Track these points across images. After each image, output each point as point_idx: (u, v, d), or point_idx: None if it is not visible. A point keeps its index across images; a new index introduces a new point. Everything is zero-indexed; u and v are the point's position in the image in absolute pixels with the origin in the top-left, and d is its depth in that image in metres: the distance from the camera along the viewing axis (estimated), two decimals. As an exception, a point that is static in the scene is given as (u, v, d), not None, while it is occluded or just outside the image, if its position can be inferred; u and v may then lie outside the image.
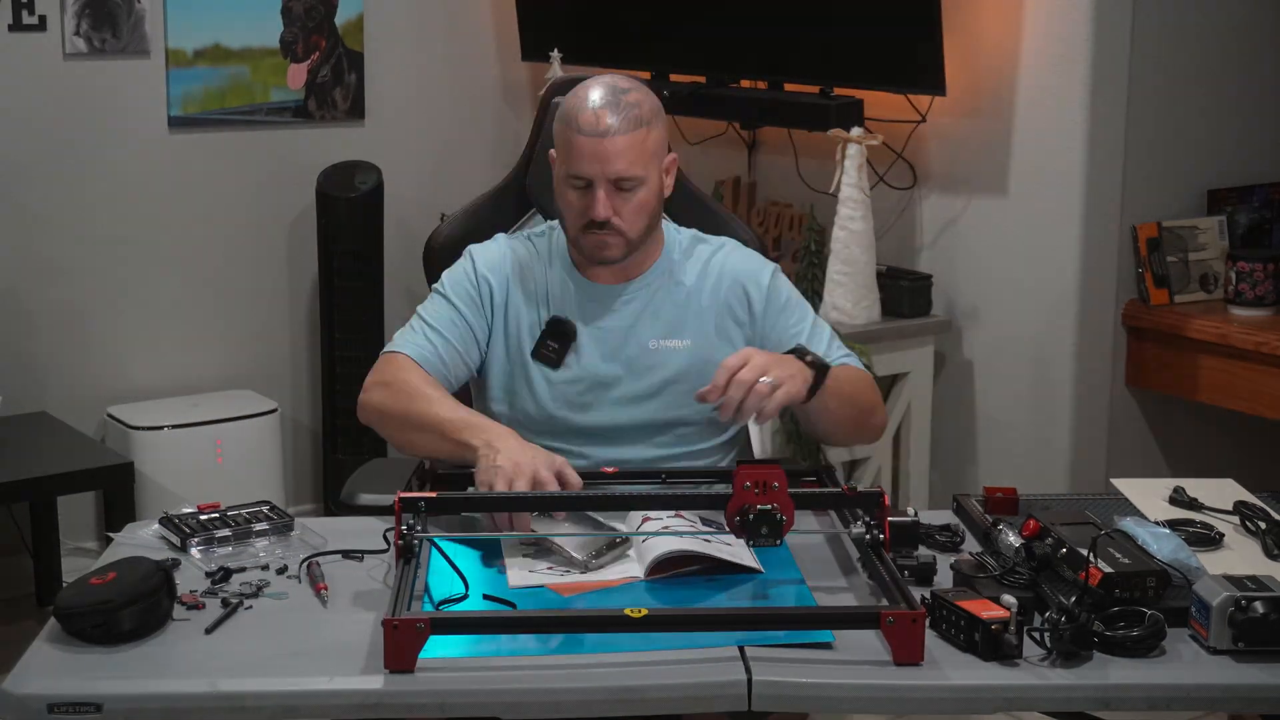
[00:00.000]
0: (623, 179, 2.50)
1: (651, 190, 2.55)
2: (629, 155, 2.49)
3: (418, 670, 1.90)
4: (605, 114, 2.49)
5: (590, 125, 2.49)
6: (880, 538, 2.17)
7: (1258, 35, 4.09)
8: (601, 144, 2.48)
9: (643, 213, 2.55)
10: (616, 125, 2.48)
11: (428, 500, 2.20)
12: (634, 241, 2.56)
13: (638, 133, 2.50)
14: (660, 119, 2.56)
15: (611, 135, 2.48)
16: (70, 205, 4.29)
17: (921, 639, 1.93)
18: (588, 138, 2.49)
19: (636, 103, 2.52)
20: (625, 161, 2.49)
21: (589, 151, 2.49)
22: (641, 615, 1.94)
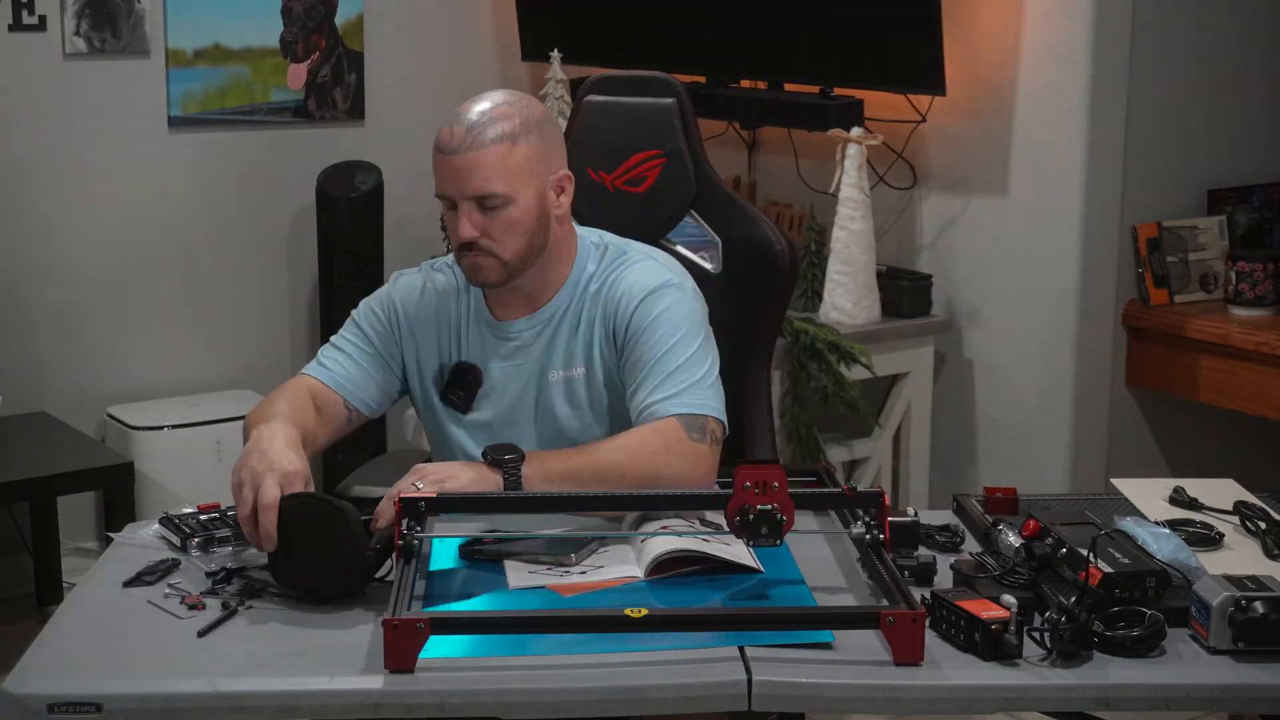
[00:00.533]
0: (483, 197, 2.38)
1: (525, 209, 2.40)
2: (486, 172, 2.37)
3: (418, 670, 1.90)
4: (460, 130, 2.38)
5: (444, 141, 2.39)
6: (880, 538, 2.17)
7: (1258, 36, 4.09)
8: (453, 161, 2.37)
9: (515, 232, 2.40)
10: (470, 141, 2.37)
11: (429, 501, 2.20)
12: (511, 263, 2.42)
13: (496, 148, 2.37)
14: (541, 134, 2.42)
15: (464, 152, 2.37)
16: (70, 205, 4.29)
17: (922, 639, 1.93)
18: (442, 155, 2.39)
19: (504, 116, 2.39)
20: (481, 179, 2.37)
21: (444, 169, 2.39)
22: (641, 615, 1.94)
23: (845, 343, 3.87)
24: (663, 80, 2.87)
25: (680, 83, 2.88)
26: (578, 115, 2.89)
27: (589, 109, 2.87)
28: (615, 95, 2.87)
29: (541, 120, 2.45)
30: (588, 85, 2.91)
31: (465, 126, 2.38)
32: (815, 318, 4.04)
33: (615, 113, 2.86)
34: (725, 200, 2.88)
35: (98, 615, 2.10)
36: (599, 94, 2.88)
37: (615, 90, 2.88)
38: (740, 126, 4.61)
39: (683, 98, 2.85)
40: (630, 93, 2.87)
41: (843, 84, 4.13)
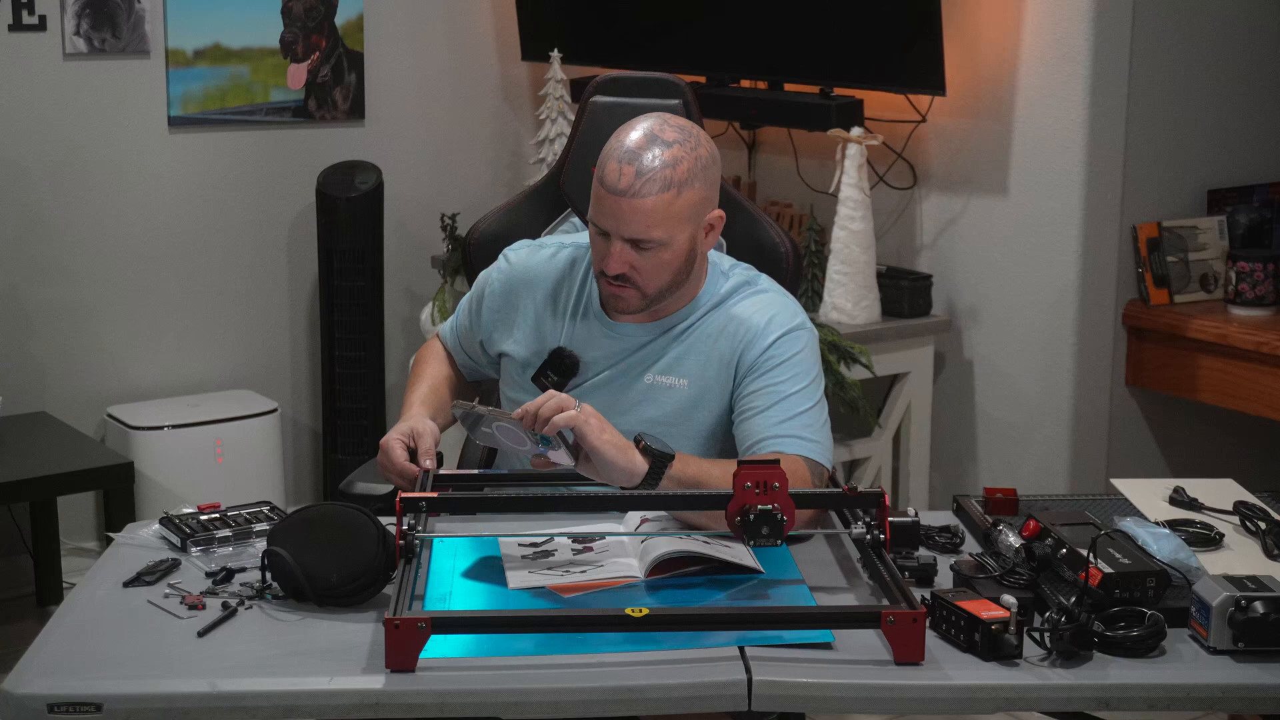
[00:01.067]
0: (641, 240, 2.37)
1: (678, 251, 2.40)
2: (649, 219, 2.35)
3: (418, 670, 1.90)
4: (630, 172, 2.34)
5: (613, 180, 2.35)
6: (881, 538, 2.17)
7: (1257, 35, 4.09)
8: (620, 202, 2.35)
9: (665, 270, 2.41)
10: (640, 186, 2.33)
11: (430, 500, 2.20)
12: (652, 296, 2.44)
13: (664, 195, 2.34)
14: (705, 176, 2.39)
15: (630, 197, 2.34)
16: (70, 205, 4.29)
17: (922, 638, 1.93)
18: (608, 193, 2.36)
19: (672, 160, 2.35)
20: (644, 224, 2.35)
21: (608, 207, 2.36)
22: (642, 615, 1.94)
23: (845, 343, 3.87)
24: (669, 81, 2.88)
25: (686, 84, 2.89)
26: (583, 116, 2.88)
27: (595, 110, 2.87)
28: (621, 96, 2.87)
29: (707, 163, 2.41)
30: (593, 86, 2.91)
31: (636, 170, 2.34)
32: (815, 318, 4.04)
33: (621, 114, 2.85)
34: (730, 202, 2.88)
35: (98, 615, 2.10)
36: (605, 95, 2.88)
37: (621, 91, 2.88)
38: (740, 126, 4.61)
39: (688, 99, 2.85)
40: (636, 94, 2.87)
41: (843, 84, 4.13)
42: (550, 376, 2.52)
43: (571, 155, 2.90)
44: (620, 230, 2.37)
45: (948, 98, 3.98)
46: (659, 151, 2.36)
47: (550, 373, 2.52)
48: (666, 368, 2.50)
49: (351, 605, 2.08)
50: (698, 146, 2.40)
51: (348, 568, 2.08)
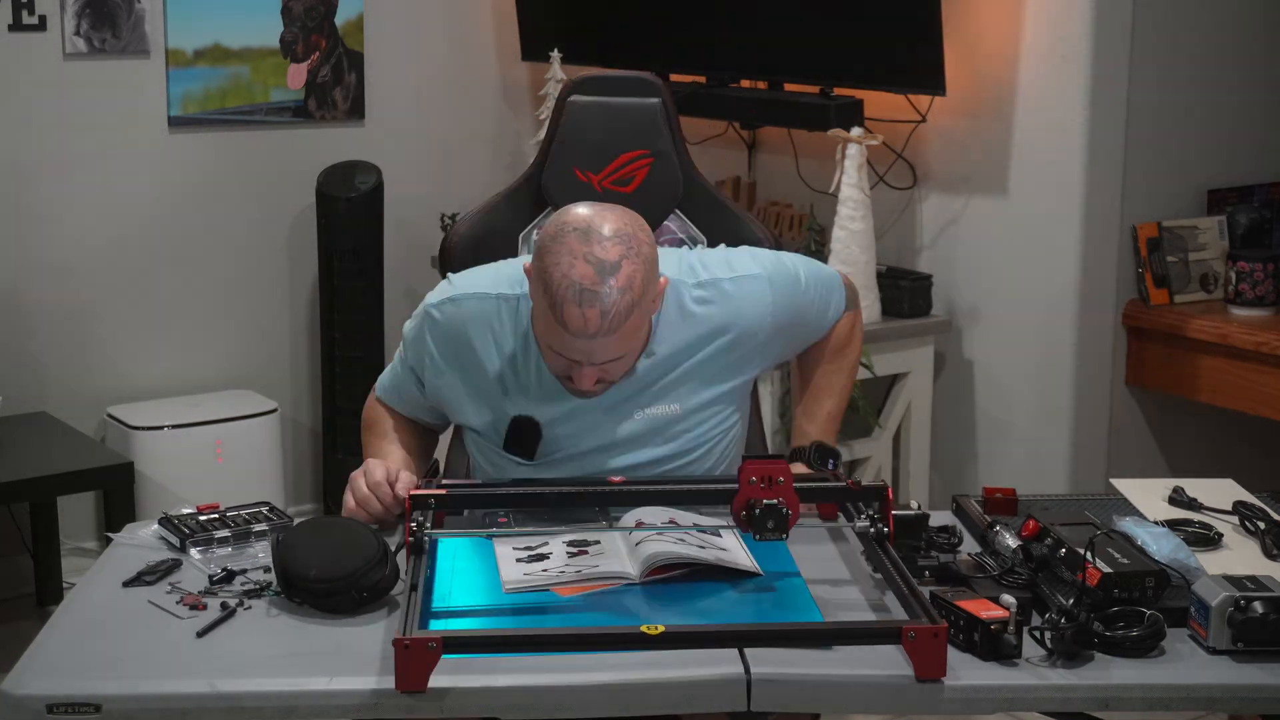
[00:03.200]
0: (610, 361, 2.32)
1: (641, 341, 2.38)
2: (619, 345, 2.29)
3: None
4: (594, 315, 2.22)
5: (577, 325, 2.23)
6: (885, 531, 2.17)
7: (1257, 36, 4.09)
8: (590, 345, 2.27)
9: (628, 364, 2.38)
10: (605, 327, 2.24)
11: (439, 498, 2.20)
12: (619, 379, 2.40)
13: (629, 322, 2.26)
14: (651, 274, 2.29)
15: (600, 337, 2.25)
16: (70, 205, 4.29)
17: (944, 653, 1.89)
18: (573, 336, 2.25)
19: (626, 285, 2.23)
20: (614, 350, 2.30)
21: (574, 346, 2.27)
22: (658, 632, 1.92)
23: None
24: (646, 80, 2.87)
25: (663, 83, 2.88)
26: (561, 115, 2.88)
27: (573, 109, 2.86)
28: (598, 95, 2.87)
29: (650, 256, 2.30)
30: (570, 85, 2.90)
31: (600, 311, 2.22)
32: (815, 318, 4.03)
33: (599, 113, 2.86)
34: (711, 200, 2.89)
35: (98, 615, 2.10)
36: (582, 94, 2.88)
37: (598, 90, 2.88)
38: (740, 126, 4.61)
39: (667, 98, 2.84)
40: (613, 93, 2.86)
41: (843, 84, 4.13)
42: (517, 449, 2.45)
43: (551, 154, 2.89)
44: (591, 360, 2.30)
45: (948, 98, 3.98)
46: (613, 281, 2.23)
47: (516, 445, 2.45)
48: (652, 399, 2.46)
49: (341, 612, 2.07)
50: (640, 246, 2.28)
51: (329, 569, 2.06)
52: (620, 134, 2.83)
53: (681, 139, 2.87)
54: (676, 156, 2.84)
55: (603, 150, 2.83)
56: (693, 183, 2.87)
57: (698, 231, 2.84)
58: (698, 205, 2.85)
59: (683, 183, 2.85)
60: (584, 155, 2.84)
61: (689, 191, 2.85)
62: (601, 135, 2.84)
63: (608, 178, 2.83)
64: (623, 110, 2.82)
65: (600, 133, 2.84)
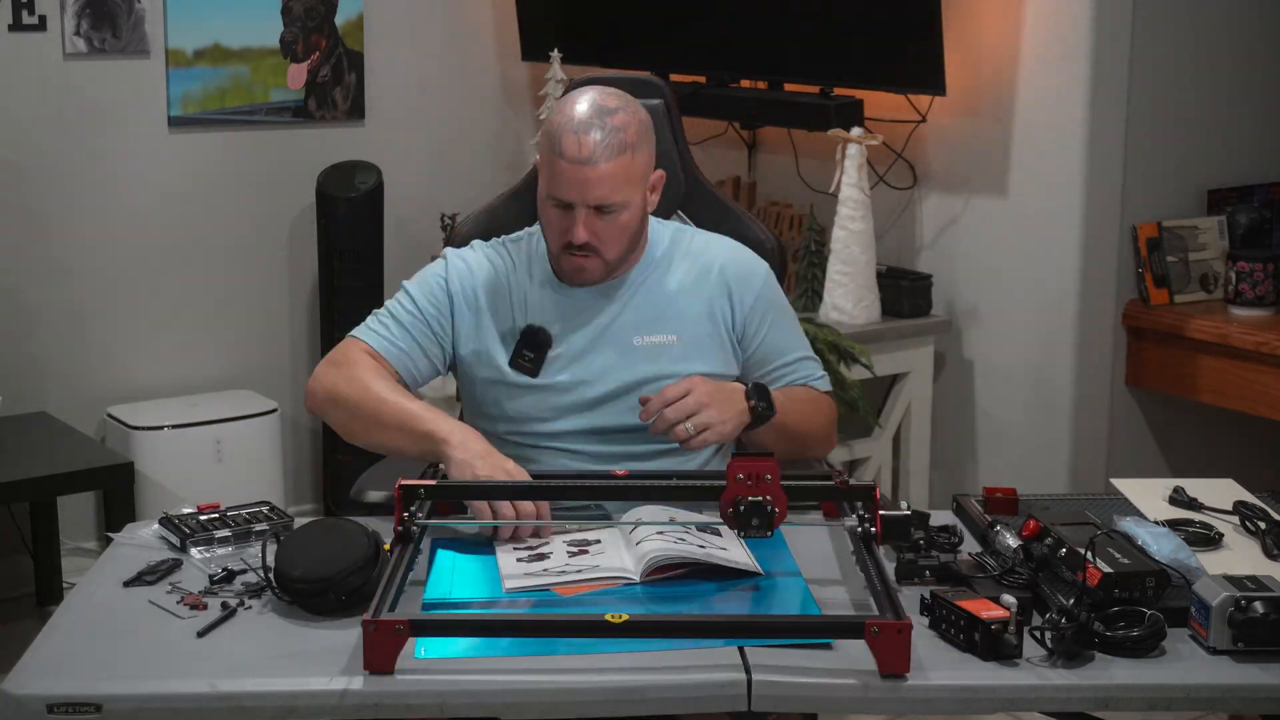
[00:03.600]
0: (604, 205, 2.46)
1: (634, 213, 2.50)
2: (611, 182, 2.44)
3: (417, 671, 1.90)
4: (588, 140, 2.42)
5: (572, 151, 2.42)
6: (873, 531, 2.17)
7: (1257, 36, 4.09)
8: (583, 170, 2.42)
9: (624, 235, 2.51)
10: (599, 153, 2.42)
11: (428, 489, 2.20)
12: (612, 263, 2.53)
13: (621, 159, 2.44)
14: (648, 139, 2.50)
15: (594, 163, 2.42)
16: (70, 205, 4.29)
17: (907, 650, 1.90)
18: (569, 163, 2.43)
19: (622, 125, 2.45)
20: (607, 188, 2.44)
21: (570, 177, 2.43)
22: (622, 621, 1.93)
23: (845, 343, 3.87)
24: (649, 81, 2.88)
25: (665, 84, 2.89)
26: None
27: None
28: None
29: (647, 124, 2.51)
30: (570, 87, 2.90)
31: (594, 138, 2.42)
32: (815, 318, 4.04)
33: None
34: (713, 200, 2.90)
35: (98, 615, 2.10)
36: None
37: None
38: (740, 126, 4.61)
39: (669, 98, 2.85)
40: None
41: (843, 84, 4.13)
42: (526, 355, 2.55)
43: None
44: (585, 198, 2.44)
45: (948, 98, 3.98)
46: (609, 119, 2.45)
47: (525, 351, 2.55)
48: (650, 327, 2.57)
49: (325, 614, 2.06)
50: (638, 111, 2.51)
51: (316, 570, 2.06)
52: None
53: (684, 140, 2.88)
54: (679, 157, 2.85)
55: None
56: (695, 183, 2.88)
57: None
58: (700, 206, 2.86)
59: (685, 183, 2.86)
60: None
61: (691, 192, 2.86)
62: None
63: None
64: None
65: None
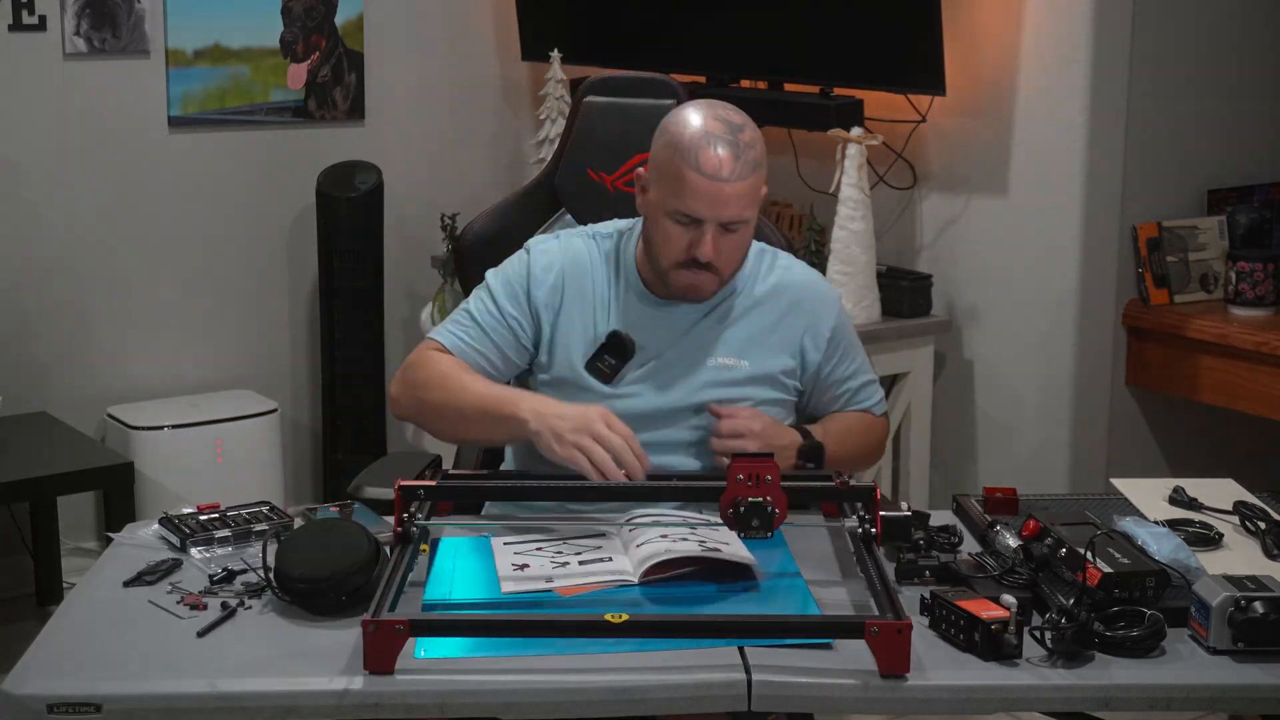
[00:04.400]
0: (734, 222, 2.43)
1: (752, 230, 2.50)
2: (744, 200, 2.42)
3: (417, 671, 1.90)
4: (729, 158, 2.39)
5: (712, 168, 2.39)
6: (873, 531, 2.17)
7: (1257, 36, 4.09)
8: (722, 189, 2.39)
9: (741, 252, 2.50)
10: (738, 171, 2.40)
11: (428, 489, 2.20)
12: (726, 280, 2.51)
13: (754, 176, 2.42)
14: (763, 149, 2.47)
15: (733, 181, 2.39)
16: (70, 205, 4.29)
17: (907, 650, 1.90)
18: (708, 180, 2.39)
19: (752, 143, 2.43)
20: (740, 206, 2.42)
21: (707, 194, 2.39)
22: (622, 621, 1.92)
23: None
24: (662, 82, 2.88)
25: (679, 84, 2.89)
26: (577, 116, 2.88)
27: (588, 110, 2.87)
28: (615, 96, 2.87)
29: (762, 140, 2.48)
30: (586, 86, 2.90)
31: (733, 154, 2.40)
32: (815, 318, 4.03)
33: (615, 114, 2.86)
34: None
35: (98, 615, 2.10)
36: (598, 95, 2.88)
37: (615, 91, 2.88)
38: (740, 126, 4.60)
39: (681, 99, 2.85)
40: (630, 94, 2.87)
41: (843, 84, 4.13)
42: (607, 361, 2.51)
43: (565, 155, 2.88)
44: (720, 215, 2.41)
45: (948, 98, 3.98)
46: (740, 136, 2.42)
47: (607, 357, 2.51)
48: (729, 350, 2.55)
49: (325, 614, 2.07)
50: (756, 127, 2.47)
51: (316, 570, 2.06)
52: (635, 135, 2.82)
53: None
54: None
55: (617, 151, 2.83)
56: None
57: None
58: None
59: None
60: (598, 156, 2.84)
61: None
62: (616, 136, 2.84)
63: (621, 178, 2.83)
64: (637, 111, 2.82)
65: (615, 134, 2.85)
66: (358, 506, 2.38)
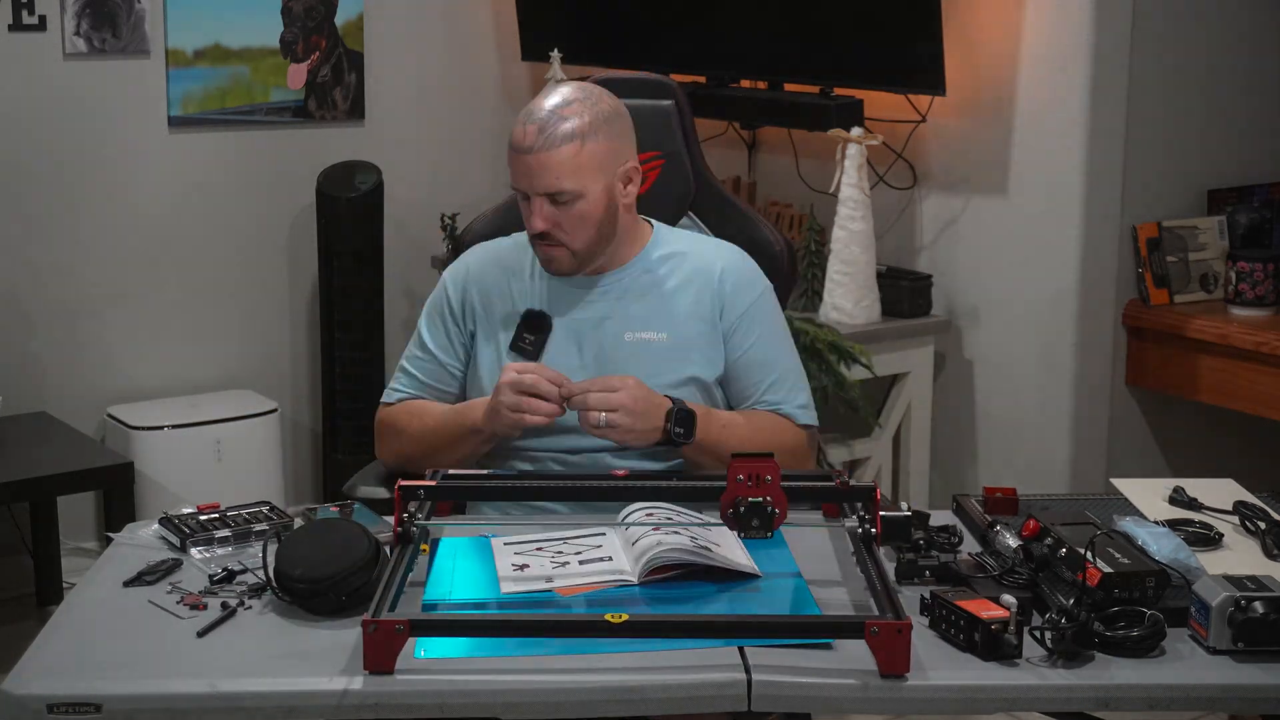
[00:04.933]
0: (555, 193, 2.49)
1: (594, 202, 2.51)
2: (557, 170, 2.48)
3: (417, 671, 1.90)
4: (533, 129, 2.48)
5: (518, 140, 2.49)
6: (873, 532, 2.17)
7: (1257, 36, 4.09)
8: (526, 160, 2.48)
9: (585, 224, 2.53)
10: (542, 142, 2.47)
11: (428, 489, 2.20)
12: (581, 253, 2.55)
13: (567, 147, 2.47)
14: (609, 129, 2.52)
15: (536, 151, 2.47)
16: (70, 205, 4.29)
17: (907, 650, 1.90)
18: (515, 152, 2.50)
19: (575, 114, 2.49)
20: (553, 177, 2.48)
21: (519, 166, 2.50)
22: (622, 621, 1.92)
23: (845, 343, 3.87)
24: (661, 82, 2.88)
25: (678, 84, 2.89)
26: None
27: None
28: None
29: (610, 115, 2.54)
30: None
31: (537, 126, 2.48)
32: (815, 318, 4.04)
33: None
34: (723, 201, 2.89)
35: (98, 615, 2.10)
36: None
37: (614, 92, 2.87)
38: (740, 126, 4.61)
39: (680, 99, 2.86)
40: (628, 94, 2.86)
41: (843, 84, 4.13)
42: (526, 338, 2.60)
43: None
44: (534, 186, 2.49)
45: (948, 98, 3.98)
46: (557, 104, 2.50)
47: (526, 334, 2.60)
48: (641, 323, 2.59)
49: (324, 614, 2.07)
50: (598, 102, 2.53)
51: (316, 570, 2.06)
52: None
53: (695, 140, 2.88)
54: (689, 159, 2.85)
55: None
56: (705, 184, 2.87)
57: (711, 234, 2.84)
58: (709, 206, 2.86)
59: (694, 184, 2.85)
60: None
61: (701, 193, 2.86)
62: None
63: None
64: (635, 112, 2.81)
65: None
66: (357, 506, 2.38)
